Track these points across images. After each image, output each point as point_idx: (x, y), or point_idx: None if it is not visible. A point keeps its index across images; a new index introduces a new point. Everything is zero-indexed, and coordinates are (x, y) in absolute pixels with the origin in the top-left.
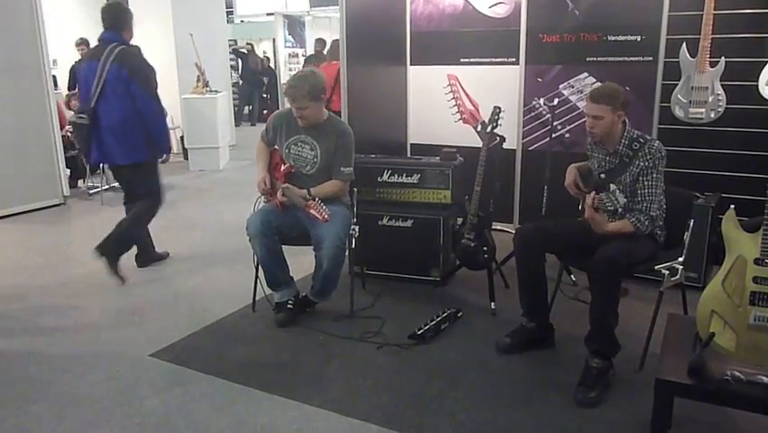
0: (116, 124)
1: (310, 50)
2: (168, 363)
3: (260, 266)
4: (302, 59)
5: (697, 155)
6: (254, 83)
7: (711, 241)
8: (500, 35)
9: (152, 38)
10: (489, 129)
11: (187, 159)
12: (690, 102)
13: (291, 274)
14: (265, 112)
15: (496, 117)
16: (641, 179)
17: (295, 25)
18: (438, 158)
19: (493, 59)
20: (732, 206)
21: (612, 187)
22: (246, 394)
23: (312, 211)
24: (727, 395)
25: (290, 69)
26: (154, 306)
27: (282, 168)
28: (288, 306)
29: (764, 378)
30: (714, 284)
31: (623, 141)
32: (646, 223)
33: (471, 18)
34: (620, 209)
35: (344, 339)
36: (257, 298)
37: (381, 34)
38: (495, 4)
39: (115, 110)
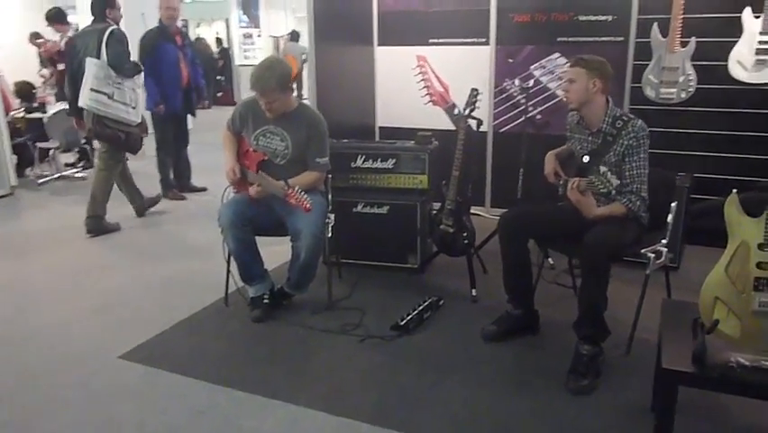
0: None
1: (265, 31)
2: (140, 365)
3: (231, 259)
4: (257, 40)
5: (668, 136)
6: (207, 66)
7: (686, 222)
8: (470, 15)
9: None
10: (467, 112)
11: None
12: (662, 82)
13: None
14: (219, 94)
15: (473, 100)
16: (627, 159)
17: (249, 5)
18: (413, 142)
19: (463, 40)
20: (735, 190)
21: (603, 169)
22: (227, 395)
23: (292, 201)
24: (733, 382)
25: (245, 51)
26: (120, 303)
27: (254, 154)
28: (264, 300)
29: None
30: (717, 270)
31: (606, 119)
32: (638, 203)
33: None
34: (613, 192)
35: (325, 333)
36: (229, 291)
37: (347, 14)
38: None
39: None
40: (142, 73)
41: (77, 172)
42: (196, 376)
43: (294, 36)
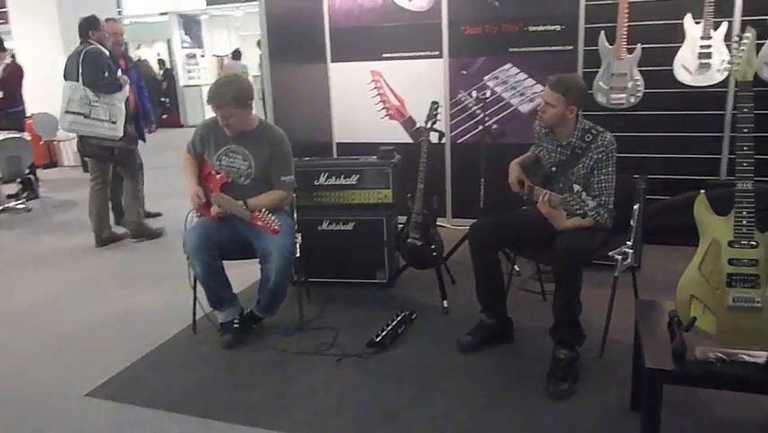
0: None
1: (209, 51)
2: (110, 402)
3: (198, 284)
4: (201, 60)
5: (621, 139)
6: (152, 88)
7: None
8: (422, 29)
9: (37, 40)
10: (429, 125)
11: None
12: (611, 88)
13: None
14: (164, 117)
15: (434, 113)
16: (596, 172)
17: (191, 25)
18: (375, 157)
19: (417, 54)
20: (702, 190)
21: (576, 188)
22: (207, 427)
23: (259, 223)
24: (715, 377)
25: (189, 71)
26: (84, 337)
27: (217, 177)
28: (235, 325)
29: (745, 356)
30: (691, 269)
31: (575, 133)
32: (606, 216)
33: (392, 12)
34: (590, 213)
35: (300, 355)
36: (196, 318)
37: (299, 31)
38: None
39: None
40: (126, 87)
41: (21, 203)
42: (170, 409)
43: (236, 54)
